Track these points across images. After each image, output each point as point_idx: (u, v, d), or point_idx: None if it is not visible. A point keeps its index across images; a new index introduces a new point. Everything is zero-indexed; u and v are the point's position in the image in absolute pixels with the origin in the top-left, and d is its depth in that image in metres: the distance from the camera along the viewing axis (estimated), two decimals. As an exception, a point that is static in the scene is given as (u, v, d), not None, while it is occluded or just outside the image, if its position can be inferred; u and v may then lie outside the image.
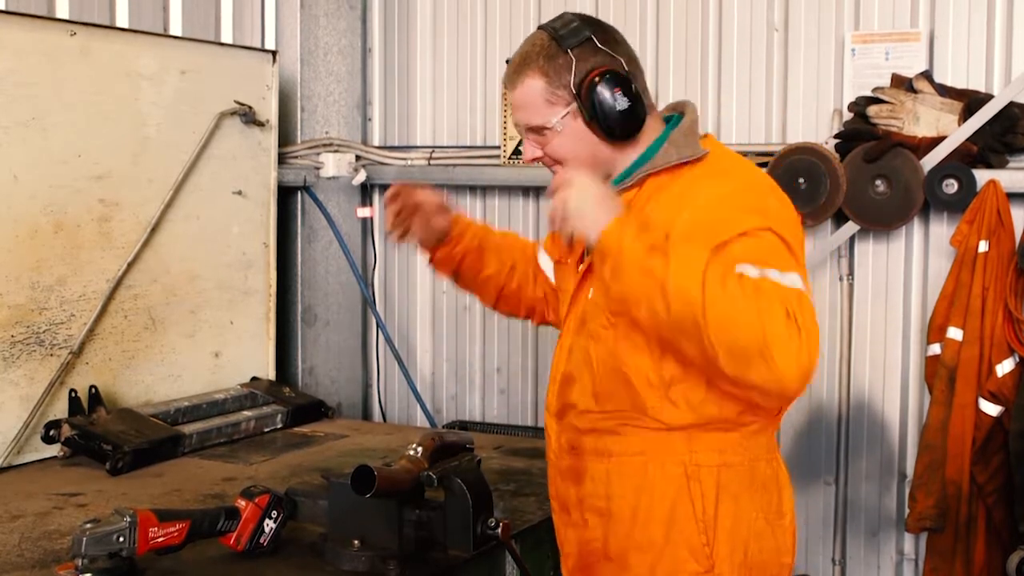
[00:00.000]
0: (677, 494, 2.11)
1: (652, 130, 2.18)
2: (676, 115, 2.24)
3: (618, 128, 2.11)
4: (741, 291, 1.85)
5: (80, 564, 2.14)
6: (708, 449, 2.10)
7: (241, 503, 2.36)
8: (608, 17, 4.13)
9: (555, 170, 2.20)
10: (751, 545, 2.12)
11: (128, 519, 2.18)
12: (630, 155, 2.17)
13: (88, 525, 2.16)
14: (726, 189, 2.06)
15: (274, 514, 2.39)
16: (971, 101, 3.44)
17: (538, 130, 2.15)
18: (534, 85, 2.12)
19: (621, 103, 2.08)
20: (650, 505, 2.13)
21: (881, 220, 3.59)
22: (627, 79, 2.10)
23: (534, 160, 2.20)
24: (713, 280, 1.84)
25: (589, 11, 4.16)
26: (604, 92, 2.08)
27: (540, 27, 2.17)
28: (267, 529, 2.39)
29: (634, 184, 2.14)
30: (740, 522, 2.11)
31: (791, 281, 1.93)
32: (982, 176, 3.42)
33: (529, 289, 2.59)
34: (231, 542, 2.35)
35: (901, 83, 3.55)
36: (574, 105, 2.11)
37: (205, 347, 3.79)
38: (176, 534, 2.26)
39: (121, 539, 2.17)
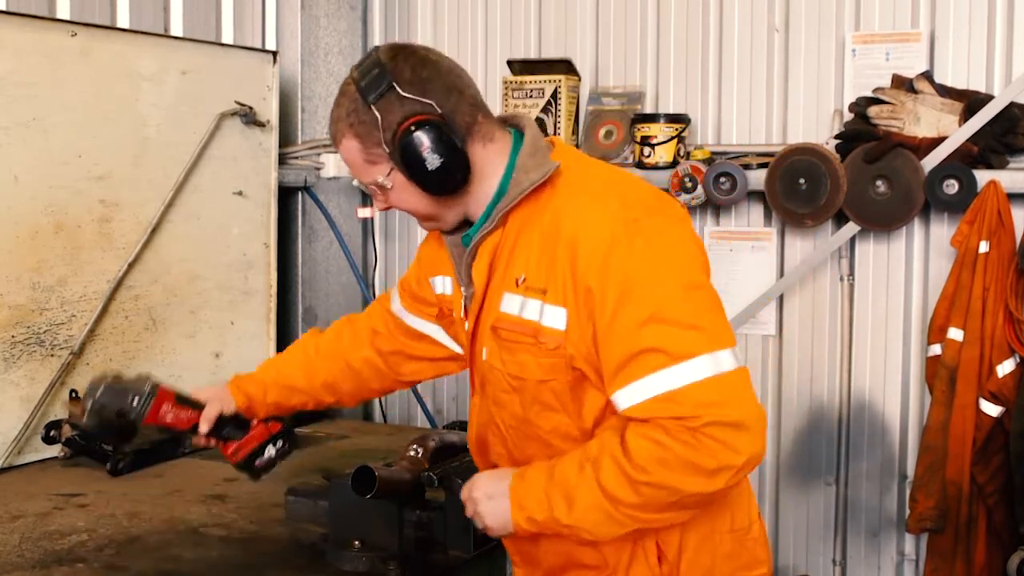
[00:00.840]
0: (637, 534, 1.93)
1: (500, 154, 1.99)
2: (517, 132, 2.03)
3: (435, 186, 1.92)
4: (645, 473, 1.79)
5: (89, 406, 2.12)
6: None
7: (254, 420, 2.34)
8: (608, 18, 4.13)
9: (419, 220, 2.06)
10: (717, 568, 2.00)
11: (149, 387, 2.17)
12: (479, 192, 1.98)
13: (113, 377, 2.15)
14: (596, 212, 1.88)
15: (279, 443, 2.36)
16: (972, 101, 3.44)
17: (375, 186, 1.99)
18: (350, 146, 1.95)
19: (432, 161, 1.88)
20: (613, 552, 1.99)
21: (881, 220, 3.59)
22: (439, 129, 1.88)
23: (386, 209, 2.03)
24: (614, 490, 1.81)
25: (590, 13, 4.16)
26: (414, 150, 1.87)
27: (351, 72, 1.96)
28: (267, 454, 2.35)
29: (496, 226, 1.96)
30: (704, 547, 1.99)
31: (687, 372, 1.78)
32: (983, 176, 3.42)
33: (406, 365, 2.42)
34: (229, 451, 2.32)
35: (902, 83, 3.55)
36: (392, 162, 1.92)
37: (206, 348, 3.79)
38: (185, 420, 2.25)
39: (135, 402, 2.16)
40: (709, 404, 1.77)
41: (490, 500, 1.94)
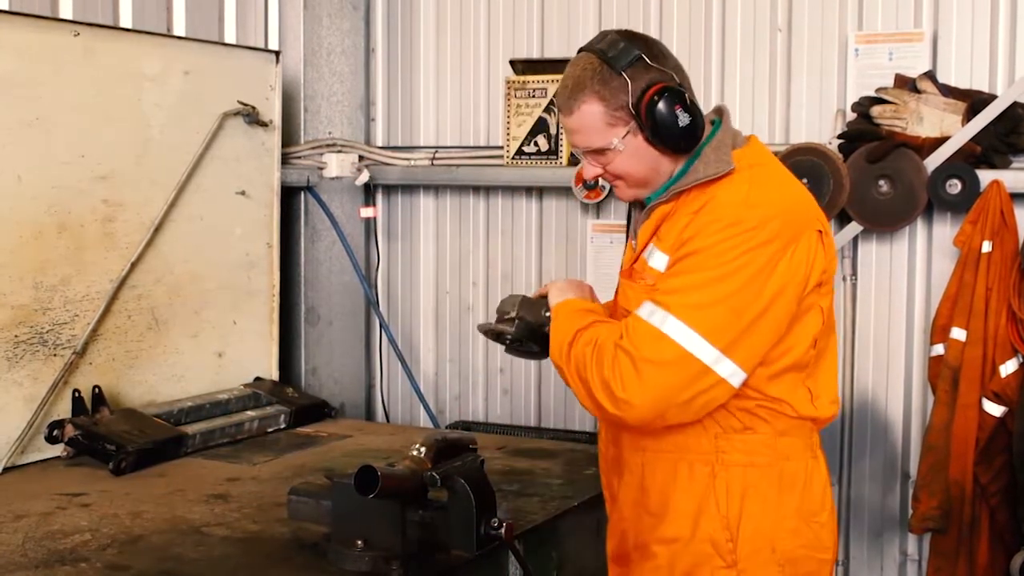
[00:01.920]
0: (704, 492, 2.19)
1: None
2: (717, 120, 2.28)
3: (683, 142, 2.16)
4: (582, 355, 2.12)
5: (515, 320, 2.34)
6: (735, 450, 2.19)
7: None
8: (611, 17, 4.14)
9: (616, 184, 2.26)
10: (779, 543, 2.18)
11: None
12: (684, 162, 2.22)
13: (521, 297, 2.40)
14: (741, 199, 2.11)
15: None
16: (975, 101, 3.43)
17: (599, 151, 2.19)
18: (592, 109, 2.16)
19: (683, 119, 2.13)
20: (679, 501, 2.21)
21: (884, 220, 3.59)
22: (683, 93, 2.13)
23: (595, 177, 2.26)
24: (573, 345, 2.15)
25: (592, 13, 4.17)
26: (664, 110, 2.11)
27: (585, 49, 2.21)
28: None
29: (670, 199, 2.19)
30: (766, 520, 2.18)
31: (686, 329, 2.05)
32: (985, 176, 3.42)
33: None
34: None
35: (904, 83, 3.54)
36: (634, 124, 2.14)
37: (208, 347, 3.79)
38: None
39: (547, 312, 2.31)
40: (632, 335, 2.05)
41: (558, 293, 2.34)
